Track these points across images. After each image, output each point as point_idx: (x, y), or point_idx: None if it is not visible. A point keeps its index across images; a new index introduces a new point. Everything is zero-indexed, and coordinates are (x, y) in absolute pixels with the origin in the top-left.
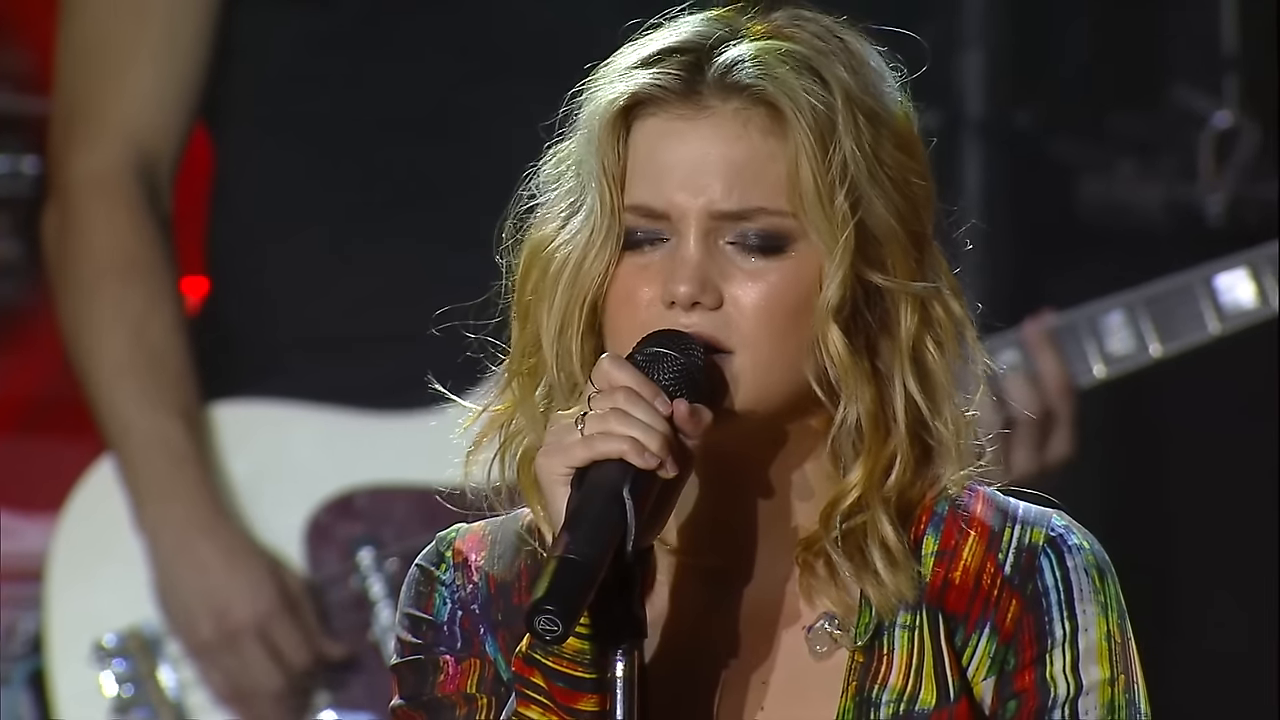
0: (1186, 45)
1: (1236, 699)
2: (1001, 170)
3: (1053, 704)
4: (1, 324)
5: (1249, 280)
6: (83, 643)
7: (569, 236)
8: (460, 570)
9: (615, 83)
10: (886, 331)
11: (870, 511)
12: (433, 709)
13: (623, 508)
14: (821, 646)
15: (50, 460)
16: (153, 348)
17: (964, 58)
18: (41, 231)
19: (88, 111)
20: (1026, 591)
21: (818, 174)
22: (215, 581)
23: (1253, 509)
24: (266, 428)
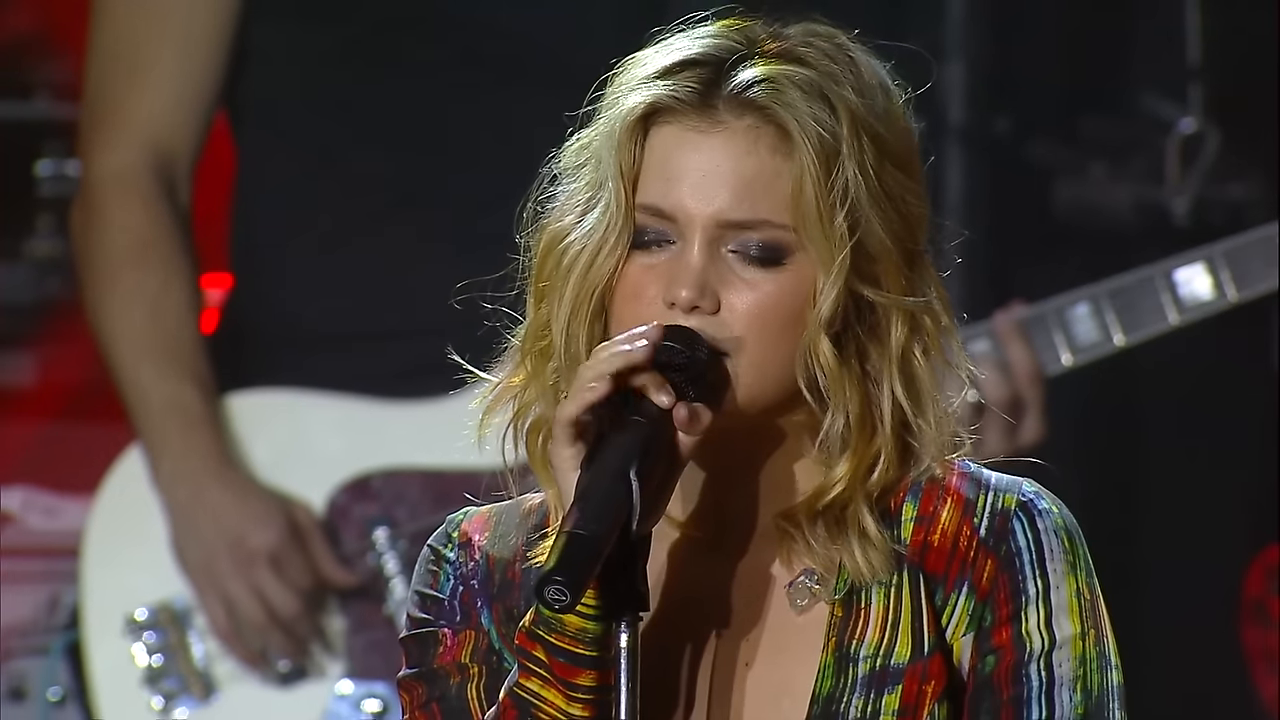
0: (1153, 56)
1: (1204, 672)
2: (981, 173)
3: (1028, 658)
4: (47, 317)
5: (1206, 274)
6: (116, 616)
7: (584, 231)
8: (464, 549)
9: (637, 90)
10: (876, 340)
11: (854, 505)
12: (431, 679)
13: (629, 486)
14: (802, 600)
15: (90, 444)
16: (168, 324)
17: (946, 69)
18: (69, 228)
19: (109, 114)
20: (1000, 552)
21: (820, 195)
22: (229, 519)
23: (1220, 497)
24: (286, 415)
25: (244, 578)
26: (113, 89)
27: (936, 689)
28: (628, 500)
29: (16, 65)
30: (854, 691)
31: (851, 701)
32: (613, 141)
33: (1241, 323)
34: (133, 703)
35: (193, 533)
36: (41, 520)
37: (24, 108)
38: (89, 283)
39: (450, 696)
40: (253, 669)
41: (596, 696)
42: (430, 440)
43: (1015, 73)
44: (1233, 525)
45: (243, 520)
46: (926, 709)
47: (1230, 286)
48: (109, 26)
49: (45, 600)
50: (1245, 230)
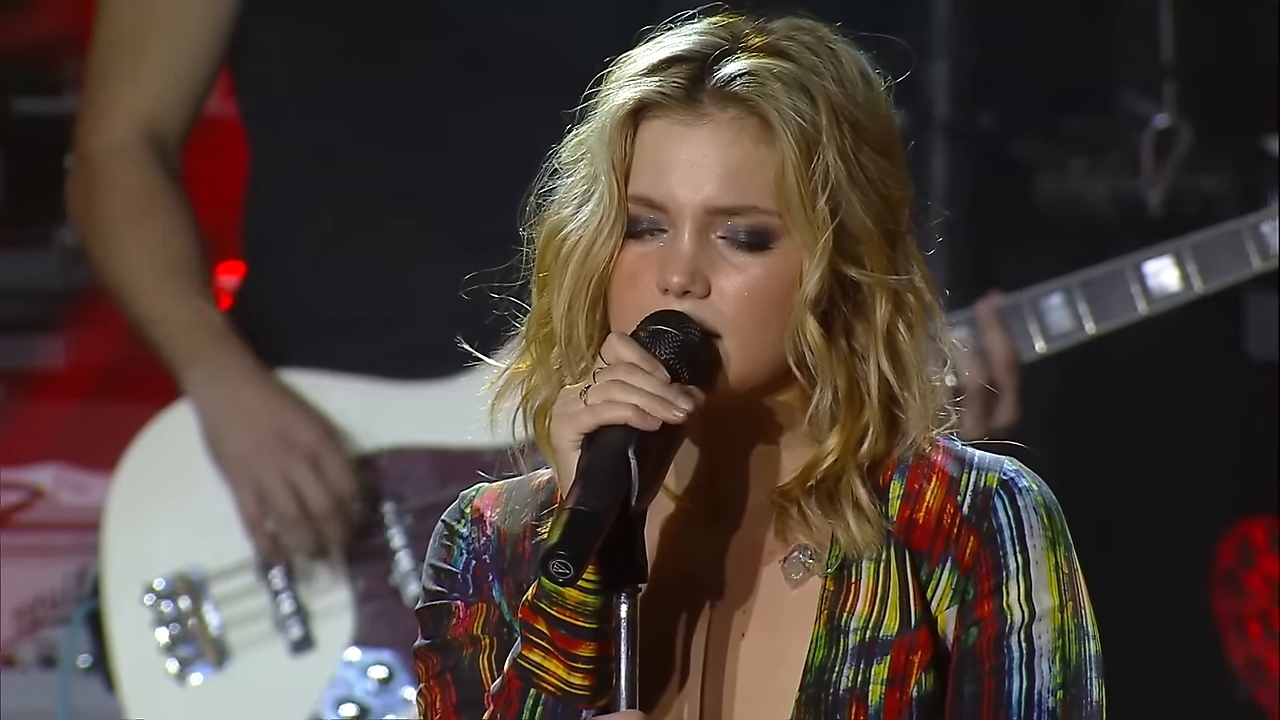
0: (1129, 56)
1: (1178, 639)
2: (966, 167)
3: (1009, 630)
4: (76, 302)
5: (1174, 266)
6: (135, 586)
7: (580, 222)
8: (476, 525)
9: (626, 87)
10: (862, 317)
11: (845, 476)
12: (445, 649)
13: (628, 466)
14: (796, 574)
15: (117, 423)
16: (178, 262)
17: (931, 66)
18: (65, 202)
19: (106, 100)
20: (982, 529)
21: (801, 181)
22: (271, 413)
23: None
24: (313, 390)
25: (281, 470)
26: (111, 78)
27: (923, 659)
28: (627, 478)
29: (47, 64)
30: (845, 662)
31: (843, 671)
32: (605, 136)
33: (1214, 309)
34: (150, 668)
35: (232, 425)
36: (71, 496)
37: (54, 103)
38: (94, 240)
39: (463, 667)
40: (270, 559)
41: (597, 666)
42: (435, 420)
43: (998, 71)
44: (1205, 500)
45: (285, 415)
46: (913, 678)
47: (1197, 278)
48: (108, 22)
49: (74, 572)
50: (1218, 220)
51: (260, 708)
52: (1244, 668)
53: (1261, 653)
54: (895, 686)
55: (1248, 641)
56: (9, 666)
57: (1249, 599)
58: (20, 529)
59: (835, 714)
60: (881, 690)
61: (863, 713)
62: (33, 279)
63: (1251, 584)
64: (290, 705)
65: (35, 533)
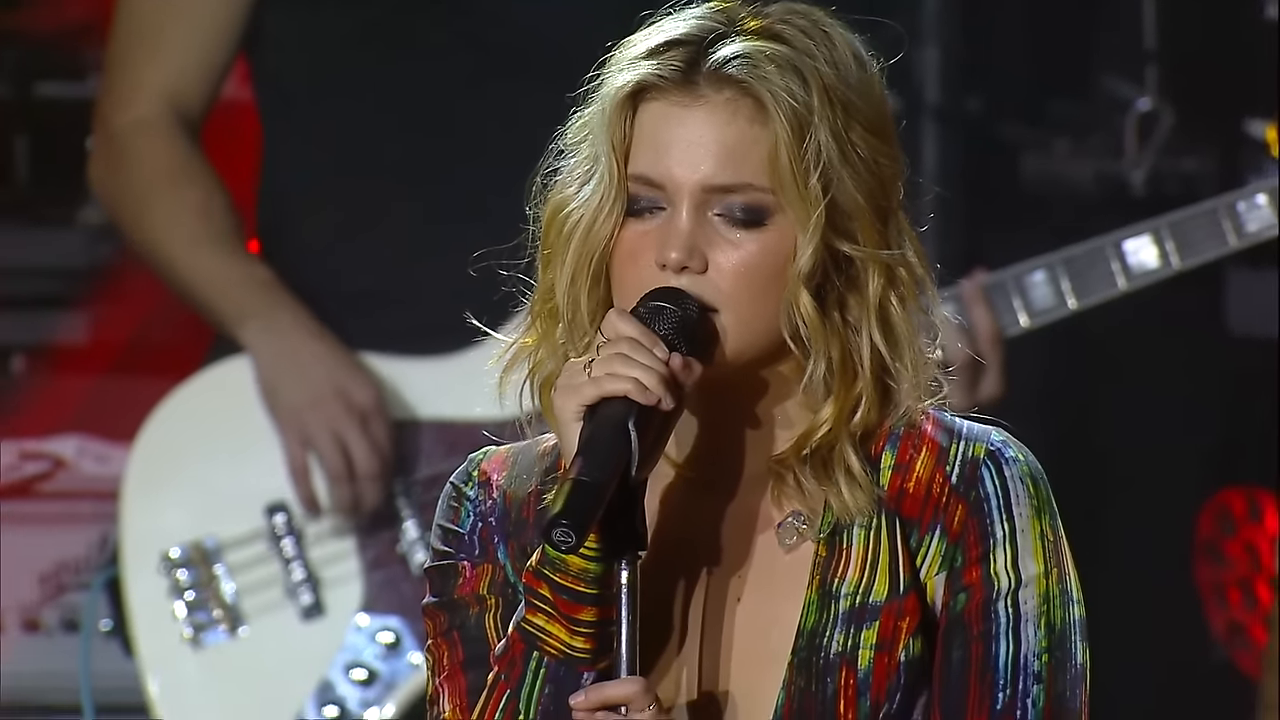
0: (1113, 41)
1: (1160, 607)
2: (954, 149)
3: (996, 596)
4: (98, 280)
5: (1153, 244)
6: (152, 554)
7: (582, 201)
8: (483, 487)
9: (625, 70)
10: (855, 290)
11: (839, 444)
12: (452, 608)
13: (628, 437)
14: (789, 539)
15: (137, 396)
16: (219, 224)
17: (922, 52)
18: (88, 177)
19: (127, 82)
20: (970, 498)
21: (794, 160)
22: (330, 371)
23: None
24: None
25: (333, 427)
26: (131, 61)
27: (911, 625)
28: (627, 449)
29: (69, 50)
30: (836, 626)
31: (833, 635)
32: (605, 118)
33: (1196, 286)
34: (167, 633)
35: (289, 378)
36: (93, 466)
37: (77, 88)
38: (127, 214)
39: (469, 626)
40: (309, 511)
41: (597, 630)
42: (440, 394)
43: (986, 57)
44: (1186, 471)
45: (341, 374)
46: (902, 643)
47: (1175, 256)
48: (128, 6)
49: (96, 539)
50: (1199, 200)
51: (273, 672)
52: (1225, 633)
53: (1242, 618)
54: (884, 651)
55: (1228, 608)
56: (33, 630)
57: (1229, 567)
58: (43, 498)
59: (825, 677)
60: (870, 654)
61: (852, 676)
62: (56, 257)
63: (1232, 552)
64: (301, 669)
65: (58, 501)
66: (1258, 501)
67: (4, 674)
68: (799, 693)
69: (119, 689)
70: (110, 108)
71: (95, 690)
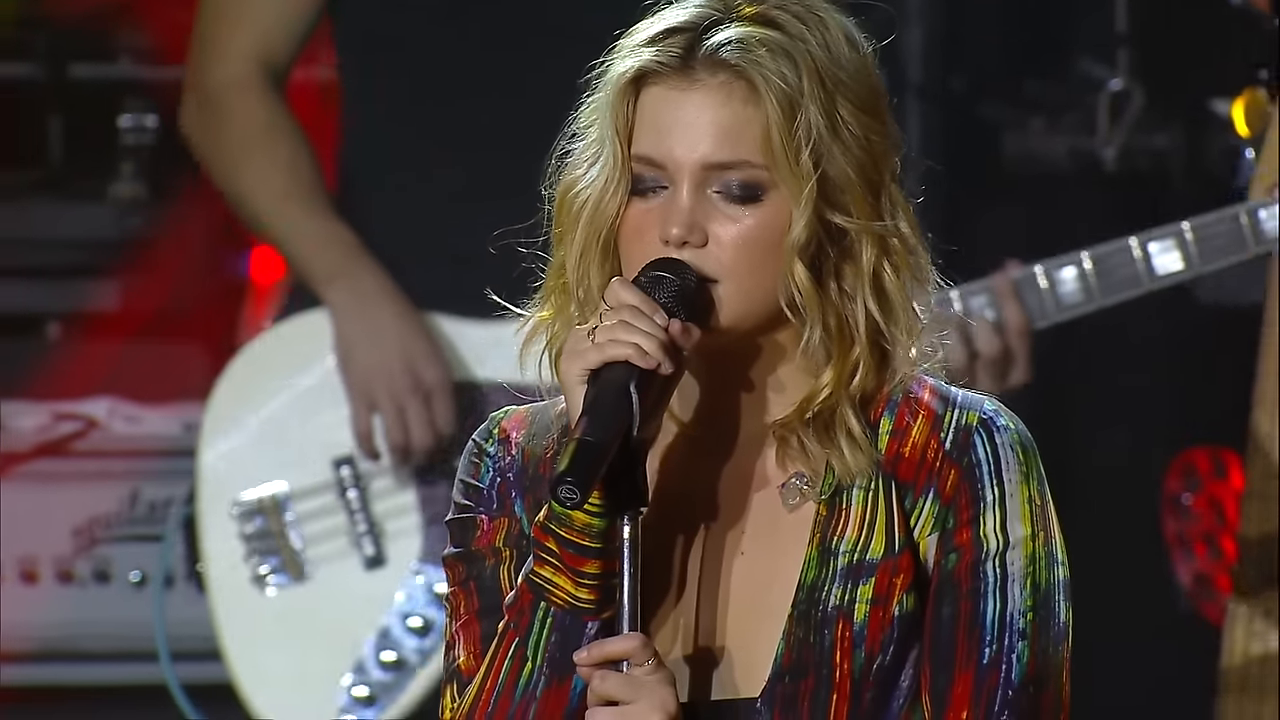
0: (1087, 24)
1: (1130, 558)
2: (937, 126)
3: (985, 556)
4: (129, 251)
5: (1176, 249)
6: (224, 501)
7: (589, 182)
8: (503, 444)
9: (627, 58)
10: (850, 261)
11: (839, 407)
12: (470, 559)
13: (629, 400)
14: (792, 499)
15: (166, 361)
16: (307, 181)
17: (906, 34)
18: (180, 127)
19: (218, 38)
20: (963, 464)
21: (785, 138)
22: (404, 346)
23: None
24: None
25: (398, 401)
26: (222, 23)
27: (905, 581)
28: (629, 411)
29: (101, 32)
30: (834, 581)
31: (831, 590)
32: (609, 103)
33: None
34: (236, 577)
35: (363, 344)
36: (123, 426)
37: (109, 69)
38: (217, 164)
39: (485, 576)
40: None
41: (601, 582)
42: (502, 357)
43: (966, 39)
44: (1154, 431)
45: (415, 348)
46: (896, 598)
47: (1197, 259)
48: None
49: (126, 495)
50: (1168, 175)
51: (335, 618)
52: (1190, 584)
53: (1207, 570)
54: (879, 605)
55: (1194, 560)
56: (67, 581)
57: (1195, 521)
58: (76, 456)
59: (823, 629)
60: (866, 609)
61: (848, 628)
62: (88, 230)
63: (1197, 507)
64: (361, 616)
65: (90, 459)
66: (1222, 460)
67: (41, 623)
68: (798, 643)
69: (186, 636)
70: (203, 68)
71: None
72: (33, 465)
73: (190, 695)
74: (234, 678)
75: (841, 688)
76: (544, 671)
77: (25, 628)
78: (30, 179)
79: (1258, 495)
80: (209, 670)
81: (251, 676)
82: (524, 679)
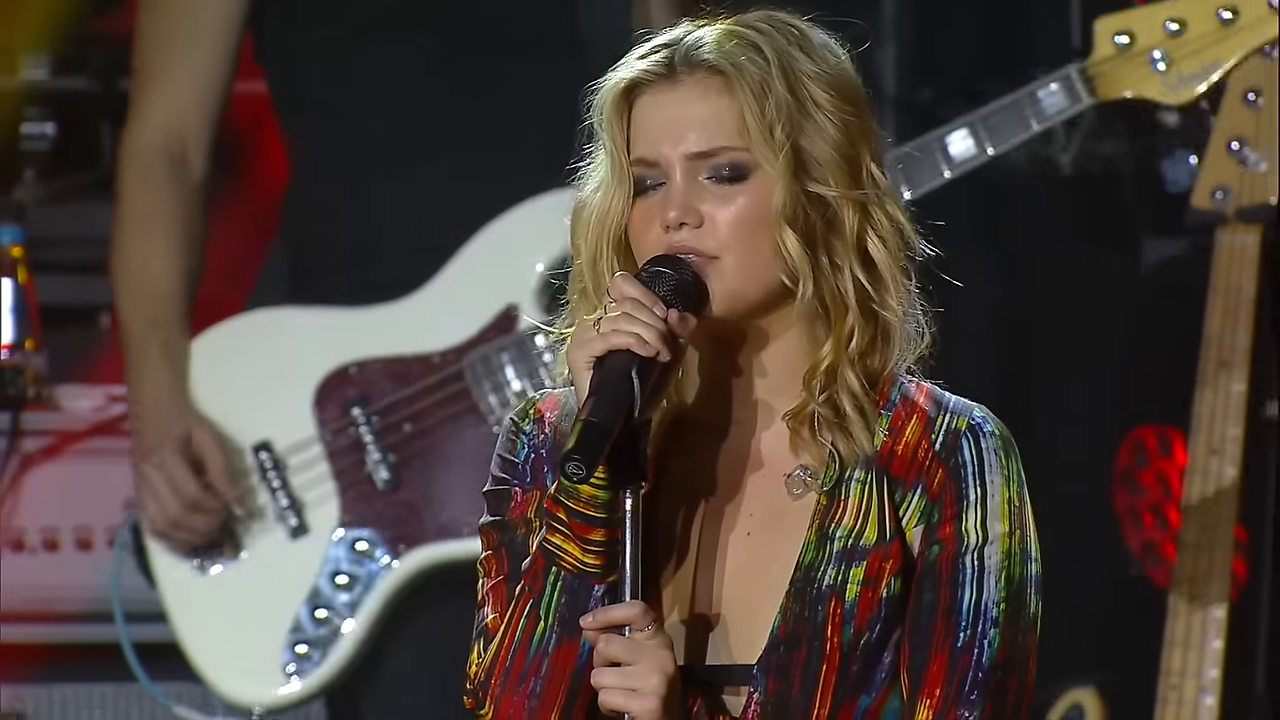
0: (1044, 41)
1: (1084, 527)
2: (909, 133)
3: (965, 550)
4: None
5: (969, 136)
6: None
7: (595, 189)
8: (537, 423)
9: (620, 72)
10: (836, 232)
11: (839, 371)
12: (503, 528)
13: (631, 384)
14: (796, 489)
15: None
16: (156, 281)
17: (881, 50)
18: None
19: (135, 105)
20: (950, 464)
21: (757, 119)
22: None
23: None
24: (286, 324)
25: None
26: (140, 85)
27: (893, 566)
28: (630, 394)
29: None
30: (829, 563)
31: (827, 571)
32: (607, 116)
33: (1117, 248)
34: (178, 565)
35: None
36: None
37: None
38: (112, 234)
39: (517, 543)
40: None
41: (606, 549)
42: (389, 335)
43: (936, 54)
44: (1106, 410)
45: (188, 420)
46: (884, 581)
47: (988, 144)
48: (140, 34)
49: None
50: (1120, 179)
51: (270, 586)
52: (1139, 550)
53: (1155, 538)
54: (869, 587)
55: (1143, 529)
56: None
57: (1144, 494)
58: (127, 434)
59: (817, 605)
60: (857, 589)
61: (840, 606)
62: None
63: (1145, 481)
64: (294, 582)
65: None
66: (1168, 438)
67: (96, 584)
68: (794, 617)
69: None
70: (126, 130)
71: (132, 601)
72: (88, 443)
73: (140, 655)
74: (183, 646)
75: (831, 659)
76: (555, 630)
77: (82, 589)
78: (85, 182)
79: (1199, 470)
80: (163, 631)
81: (199, 647)
82: (537, 636)
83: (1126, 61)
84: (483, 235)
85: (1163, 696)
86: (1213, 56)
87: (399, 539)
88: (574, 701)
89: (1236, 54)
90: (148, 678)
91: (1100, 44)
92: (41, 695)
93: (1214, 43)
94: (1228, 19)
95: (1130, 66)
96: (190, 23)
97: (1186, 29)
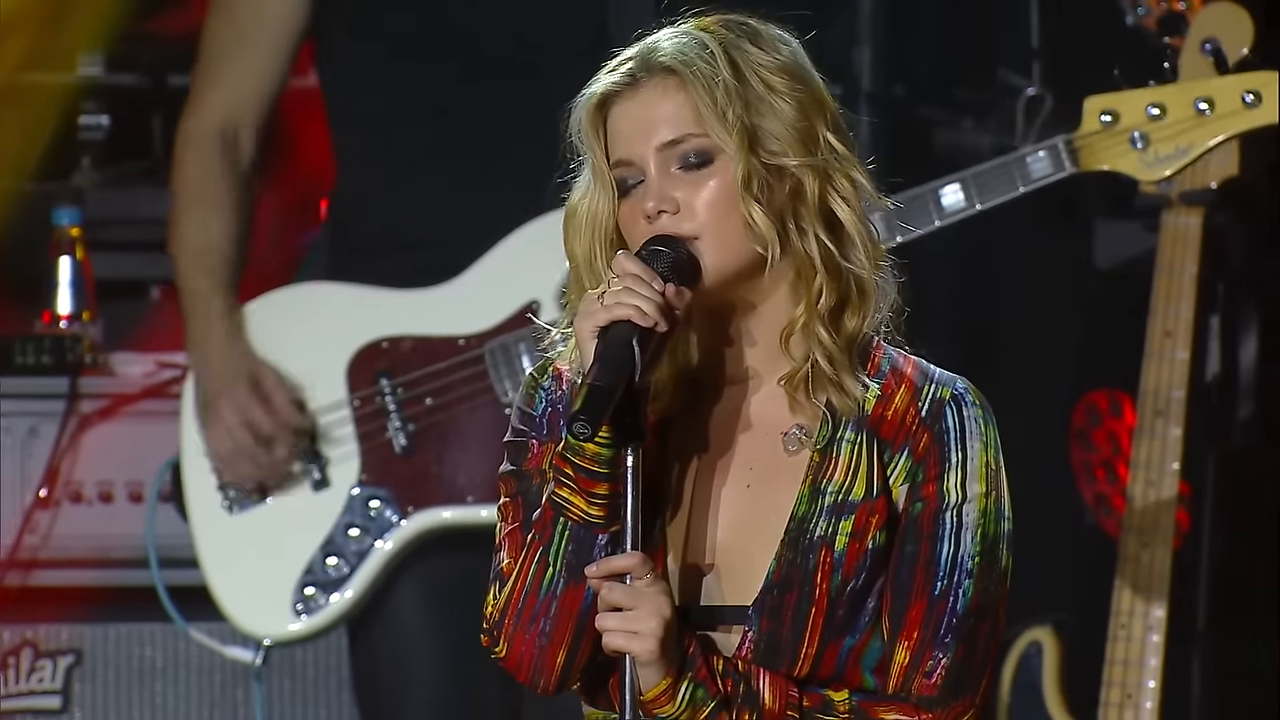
0: (1007, 41)
1: (1042, 480)
2: (884, 126)
3: (945, 507)
4: None
5: (960, 191)
6: (199, 443)
7: (583, 195)
8: (555, 380)
9: (591, 87)
10: (800, 199)
11: (812, 328)
12: (520, 477)
13: (632, 352)
14: (792, 446)
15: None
16: (217, 247)
17: (857, 52)
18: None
19: (197, 93)
20: (934, 429)
21: (709, 106)
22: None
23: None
24: (332, 299)
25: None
26: (202, 76)
27: (879, 521)
28: (631, 361)
29: (197, 47)
30: (820, 515)
31: (818, 522)
32: (584, 127)
33: (1071, 230)
34: (209, 504)
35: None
36: None
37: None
38: (173, 202)
39: (532, 492)
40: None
41: (609, 502)
42: (421, 316)
43: (908, 54)
44: (1062, 374)
45: (253, 365)
46: (870, 534)
47: (977, 199)
48: (207, 31)
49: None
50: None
51: (290, 532)
52: (1093, 502)
53: (1106, 491)
54: (856, 538)
55: (1096, 483)
56: (166, 501)
57: (1096, 451)
58: (175, 398)
59: (809, 554)
60: (845, 540)
61: (829, 555)
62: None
63: (1098, 439)
64: (312, 529)
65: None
66: (1118, 400)
67: (146, 534)
68: (787, 564)
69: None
70: (183, 114)
71: (166, 547)
72: (140, 405)
73: (173, 597)
74: (207, 582)
75: (820, 604)
76: (563, 576)
77: (134, 538)
78: (137, 169)
79: (1146, 431)
80: (190, 575)
81: (221, 581)
82: (547, 581)
83: (1109, 138)
84: (516, 235)
85: (1113, 634)
86: (1187, 141)
87: (409, 500)
88: (580, 640)
89: (1208, 142)
90: (181, 617)
91: (1087, 119)
92: (98, 633)
93: (1189, 129)
94: (1203, 109)
95: (1112, 142)
96: (254, 28)
97: (1166, 114)
